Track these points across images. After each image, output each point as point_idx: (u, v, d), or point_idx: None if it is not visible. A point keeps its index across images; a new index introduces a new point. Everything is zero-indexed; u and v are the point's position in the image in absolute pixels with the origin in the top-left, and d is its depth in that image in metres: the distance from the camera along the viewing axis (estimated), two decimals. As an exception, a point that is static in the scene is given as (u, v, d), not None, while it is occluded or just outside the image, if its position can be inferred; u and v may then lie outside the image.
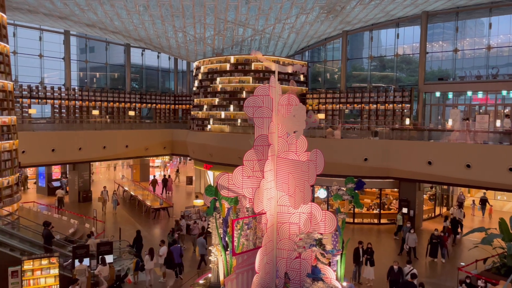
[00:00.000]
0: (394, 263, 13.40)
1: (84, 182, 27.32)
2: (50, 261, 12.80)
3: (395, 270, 13.22)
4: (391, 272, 13.32)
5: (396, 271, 13.23)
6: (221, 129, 27.89)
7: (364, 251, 14.61)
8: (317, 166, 10.95)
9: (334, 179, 15.39)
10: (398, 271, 13.23)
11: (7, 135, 17.49)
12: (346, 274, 13.20)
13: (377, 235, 20.16)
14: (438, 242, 16.47)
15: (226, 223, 11.15)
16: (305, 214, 11.39)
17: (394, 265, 13.28)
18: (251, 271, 11.21)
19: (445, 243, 16.70)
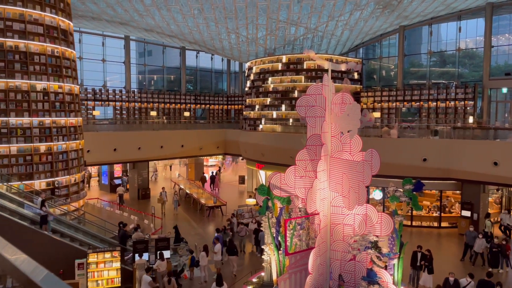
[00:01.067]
0: (450, 274, 12.31)
1: (143, 180, 28.59)
2: (112, 254, 13.52)
3: (451, 283, 12.16)
4: (446, 285, 12.25)
5: (452, 284, 12.16)
6: (273, 129, 27.96)
7: (422, 257, 13.91)
8: (372, 167, 10.64)
9: (391, 180, 14.84)
10: (454, 283, 12.17)
11: (74, 135, 18.71)
12: (403, 279, 12.72)
13: (437, 239, 19.21)
14: (499, 251, 15.12)
15: (278, 223, 11.15)
16: (360, 216, 11.11)
17: (450, 276, 12.23)
18: (304, 272, 11.13)
19: (508, 252, 15.32)
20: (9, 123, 16.31)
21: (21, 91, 16.61)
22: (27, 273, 1.37)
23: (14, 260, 1.52)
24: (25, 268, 1.43)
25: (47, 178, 17.38)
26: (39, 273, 1.38)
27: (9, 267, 1.49)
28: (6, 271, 1.52)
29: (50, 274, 1.33)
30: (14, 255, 1.57)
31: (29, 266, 1.45)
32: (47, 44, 17.26)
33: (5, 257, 1.54)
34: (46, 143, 17.29)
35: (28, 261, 1.51)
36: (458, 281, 12.08)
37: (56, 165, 17.65)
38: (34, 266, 1.41)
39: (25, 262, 1.56)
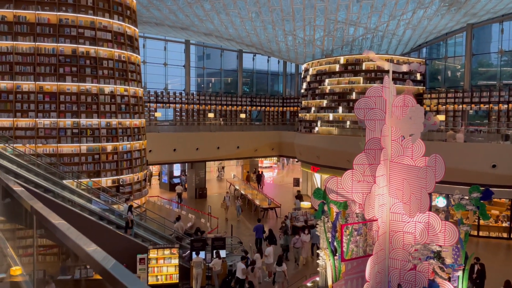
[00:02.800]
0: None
1: (200, 179, 29.40)
2: (171, 251, 14.04)
3: None
4: None
5: None
6: (329, 131, 27.52)
7: (476, 271, 12.64)
8: (436, 173, 10.13)
9: (456, 187, 14.06)
10: None
11: (138, 136, 19.68)
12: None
13: (506, 252, 17.85)
14: None
15: (334, 228, 10.96)
16: (422, 224, 10.62)
17: None
18: (361, 279, 10.83)
19: None
20: (80, 124, 17.50)
21: (91, 94, 17.76)
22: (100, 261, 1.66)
23: (91, 251, 1.77)
24: (97, 257, 1.82)
25: (113, 176, 18.41)
26: (109, 262, 1.72)
27: (86, 257, 1.73)
28: (84, 259, 1.78)
29: (117, 263, 1.57)
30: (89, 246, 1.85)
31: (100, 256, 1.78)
32: (114, 50, 18.31)
33: (83, 247, 1.77)
34: (112, 143, 18.34)
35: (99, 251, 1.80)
36: None
37: (121, 164, 18.64)
38: (104, 256, 1.67)
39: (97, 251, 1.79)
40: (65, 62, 17.17)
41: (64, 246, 1.96)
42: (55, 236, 2.13)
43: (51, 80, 16.98)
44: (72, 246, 1.78)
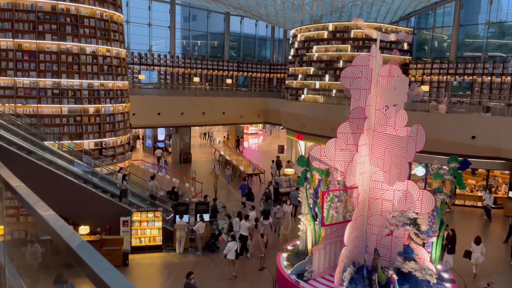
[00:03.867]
0: (490, 284, 10.38)
1: (185, 144, 29.35)
2: (155, 214, 14.19)
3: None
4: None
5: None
6: (315, 100, 27.54)
7: (446, 237, 12.98)
8: (417, 143, 10.33)
9: (435, 157, 14.35)
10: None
11: (121, 98, 19.35)
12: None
13: (480, 220, 18.59)
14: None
15: (316, 194, 11.19)
16: (400, 192, 10.91)
17: (490, 286, 10.27)
18: (339, 243, 11.21)
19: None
20: (61, 84, 17.07)
21: (72, 54, 17.24)
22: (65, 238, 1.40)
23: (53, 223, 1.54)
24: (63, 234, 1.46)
25: (95, 138, 18.22)
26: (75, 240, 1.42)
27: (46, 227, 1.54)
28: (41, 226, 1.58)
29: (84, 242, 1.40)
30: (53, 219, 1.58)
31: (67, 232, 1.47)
32: (96, 8, 17.65)
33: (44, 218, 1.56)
34: (94, 105, 18.02)
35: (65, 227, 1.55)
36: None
37: (104, 127, 18.42)
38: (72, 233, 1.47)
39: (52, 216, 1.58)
40: (45, 19, 16.52)
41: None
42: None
43: (30, 38, 16.38)
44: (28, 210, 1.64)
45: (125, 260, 12.97)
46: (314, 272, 11.09)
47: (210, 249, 14.18)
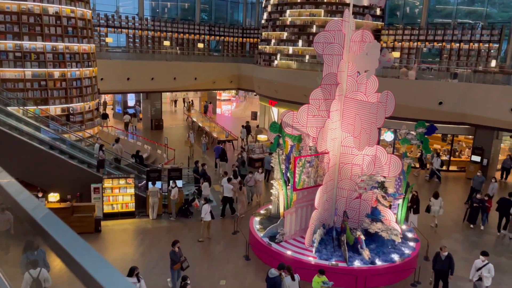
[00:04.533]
0: (442, 248, 10.00)
1: (156, 111, 28.81)
2: (127, 181, 14.08)
3: (442, 258, 9.85)
4: (437, 259, 9.95)
5: (444, 259, 9.82)
6: (288, 65, 27.37)
7: (410, 199, 13.44)
8: (386, 109, 10.55)
9: (404, 122, 14.75)
10: (446, 259, 9.80)
11: (87, 62, 18.62)
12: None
13: (444, 182, 19.46)
14: (479, 207, 14.16)
15: (288, 160, 11.35)
16: (369, 157, 11.23)
17: (442, 251, 9.92)
18: (310, 207, 11.53)
19: (488, 208, 14.27)
20: (23, 47, 16.21)
21: (34, 14, 16.30)
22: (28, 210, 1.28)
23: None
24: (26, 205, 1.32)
25: (62, 104, 17.61)
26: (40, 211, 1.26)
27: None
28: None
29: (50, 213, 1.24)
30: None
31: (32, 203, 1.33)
32: (57, -35, 16.59)
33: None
34: (59, 69, 17.29)
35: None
36: (451, 256, 9.86)
37: (71, 92, 17.78)
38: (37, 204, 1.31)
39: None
40: (1, -24, 15.43)
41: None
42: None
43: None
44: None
45: (98, 227, 12.93)
46: (286, 235, 11.44)
47: (184, 214, 14.31)
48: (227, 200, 14.54)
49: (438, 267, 9.84)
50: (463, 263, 11.83)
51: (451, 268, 9.75)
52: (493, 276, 9.42)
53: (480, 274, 9.36)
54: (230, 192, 14.43)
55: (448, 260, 9.75)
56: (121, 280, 0.88)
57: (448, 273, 9.79)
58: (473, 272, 9.55)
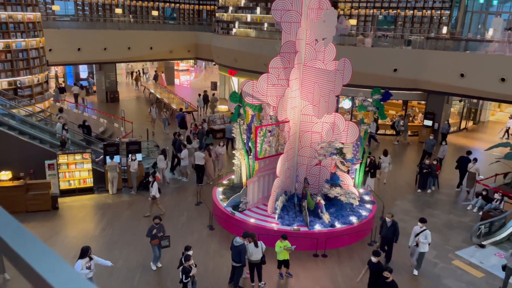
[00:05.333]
0: (387, 215, 10.14)
1: (110, 82, 27.72)
2: (83, 156, 13.62)
3: (388, 224, 9.93)
4: (382, 226, 10.15)
5: (389, 226, 9.90)
6: (246, 34, 26.95)
7: (368, 163, 13.96)
8: (344, 76, 10.70)
9: (361, 90, 15.06)
10: (392, 226, 9.88)
11: (34, 32, 17.45)
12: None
13: (398, 146, 20.30)
14: (429, 172, 14.64)
15: (249, 130, 11.38)
16: (328, 124, 11.45)
17: (387, 217, 10.06)
18: (272, 175, 11.71)
19: (436, 173, 14.82)
20: (-42, 16, 14.93)
21: (-32, -21, 14.95)
22: None
23: None
24: None
25: (8, 77, 16.54)
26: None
27: None
28: None
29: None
30: None
31: None
32: None
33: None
34: (3, 40, 16.12)
35: None
36: (396, 223, 9.95)
37: (17, 64, 16.70)
38: None
39: None
40: None
41: None
42: None
43: None
44: None
45: (55, 204, 12.54)
46: (249, 203, 11.61)
47: (145, 188, 14.11)
48: (199, 168, 14.63)
49: (384, 233, 10.00)
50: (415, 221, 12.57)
51: (395, 235, 9.85)
52: (430, 242, 9.57)
53: (417, 240, 9.51)
54: (202, 160, 14.49)
55: (393, 227, 9.83)
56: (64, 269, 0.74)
57: (393, 239, 9.91)
58: (412, 238, 9.73)
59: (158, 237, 9.43)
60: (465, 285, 9.54)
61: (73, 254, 9.94)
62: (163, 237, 9.54)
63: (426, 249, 9.60)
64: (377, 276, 7.72)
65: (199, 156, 14.53)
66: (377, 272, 7.84)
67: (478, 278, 9.82)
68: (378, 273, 7.68)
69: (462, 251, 10.94)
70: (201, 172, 14.72)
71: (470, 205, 13.65)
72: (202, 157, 14.50)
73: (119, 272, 9.51)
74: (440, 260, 10.53)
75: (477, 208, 13.31)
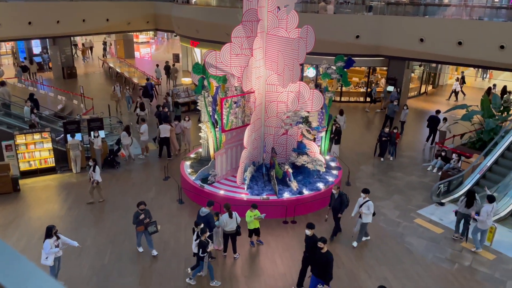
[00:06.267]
0: (334, 188, 10.00)
1: (67, 57, 26.44)
2: (42, 135, 13.09)
3: (335, 196, 9.87)
4: (331, 198, 10.09)
5: (336, 198, 9.83)
6: (207, 2, 26.17)
7: (333, 131, 14.25)
8: (307, 44, 10.67)
9: (324, 58, 15.09)
10: (338, 197, 9.81)
11: (-24, 5, 16.22)
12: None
13: (362, 113, 20.74)
14: (388, 140, 14.75)
15: (215, 102, 11.24)
16: (293, 93, 11.48)
17: (333, 190, 9.94)
18: (239, 147, 11.71)
19: (396, 141, 14.88)
20: None
21: None
22: None
23: None
24: None
25: (-48, 55, 15.42)
26: None
27: None
28: None
29: None
30: None
31: None
32: None
33: None
34: None
35: None
36: (343, 195, 9.85)
37: (-39, 41, 15.56)
38: None
39: None
40: None
41: None
42: None
43: None
44: None
45: (16, 186, 12.08)
46: (218, 175, 11.62)
47: (110, 165, 13.82)
48: (164, 141, 14.49)
49: (332, 205, 9.95)
50: (379, 184, 13.06)
51: (341, 207, 9.79)
52: (372, 213, 9.50)
53: (360, 211, 9.50)
54: (168, 132, 14.38)
55: (339, 198, 9.75)
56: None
57: (339, 209, 9.84)
58: (355, 209, 9.70)
59: (144, 224, 8.97)
60: (427, 241, 10.08)
61: (38, 235, 9.70)
62: (149, 223, 9.04)
63: (369, 220, 9.54)
64: (313, 248, 7.61)
65: (165, 129, 14.38)
66: (312, 244, 7.72)
67: (438, 234, 10.39)
68: (313, 245, 7.57)
69: (423, 210, 11.50)
70: (167, 145, 14.58)
71: (430, 166, 14.26)
72: (169, 129, 14.40)
73: (88, 251, 9.39)
74: (402, 219, 11.03)
75: (437, 168, 13.94)
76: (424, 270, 9.02)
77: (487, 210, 9.44)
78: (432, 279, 8.74)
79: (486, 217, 9.45)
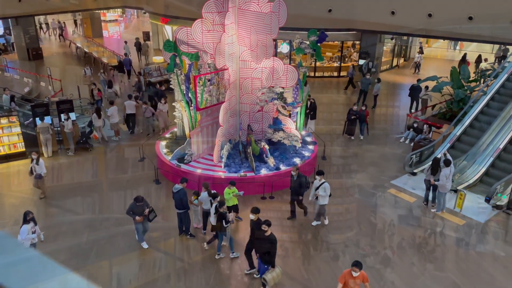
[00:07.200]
0: (293, 169, 9.90)
1: (31, 38, 25.29)
2: (9, 120, 12.63)
3: (294, 178, 9.72)
4: (291, 181, 9.87)
5: (296, 179, 9.70)
6: (176, -23, 25.36)
7: (309, 106, 14.20)
8: (280, 18, 10.57)
9: (297, 33, 14.99)
10: (297, 179, 9.67)
11: None
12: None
13: (336, 87, 20.88)
14: (356, 118, 14.40)
15: (188, 80, 11.06)
16: (267, 69, 11.41)
17: (292, 171, 9.82)
18: (215, 125, 11.65)
19: (366, 118, 14.40)
20: None
21: None
22: None
23: None
24: None
25: None
26: None
27: None
28: None
29: None
30: None
31: None
32: None
33: None
34: None
35: None
36: (302, 176, 9.72)
37: None
38: None
39: None
40: None
41: None
42: None
43: None
44: None
45: (-15, 174, 11.70)
46: (194, 154, 11.56)
47: (83, 148, 13.52)
48: (131, 117, 14.68)
49: (291, 187, 9.81)
50: (354, 157, 13.32)
51: (300, 189, 9.64)
52: (329, 195, 9.38)
53: (316, 193, 9.38)
54: (133, 108, 14.53)
55: (298, 179, 9.63)
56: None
57: (299, 192, 9.74)
58: (312, 193, 9.55)
59: (144, 215, 8.61)
60: (400, 210, 10.43)
61: (12, 221, 9.49)
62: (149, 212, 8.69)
63: (326, 201, 9.44)
64: (258, 233, 7.52)
65: (130, 105, 14.51)
66: (257, 228, 7.64)
67: (411, 203, 10.75)
68: (258, 229, 7.51)
69: (396, 180, 11.83)
70: (132, 121, 14.76)
71: (402, 137, 14.60)
72: (134, 105, 14.56)
73: (64, 235, 9.27)
74: (377, 190, 11.34)
75: (409, 139, 14.29)
76: (398, 238, 9.36)
77: (446, 174, 9.96)
78: (406, 246, 9.08)
79: (445, 180, 9.93)
